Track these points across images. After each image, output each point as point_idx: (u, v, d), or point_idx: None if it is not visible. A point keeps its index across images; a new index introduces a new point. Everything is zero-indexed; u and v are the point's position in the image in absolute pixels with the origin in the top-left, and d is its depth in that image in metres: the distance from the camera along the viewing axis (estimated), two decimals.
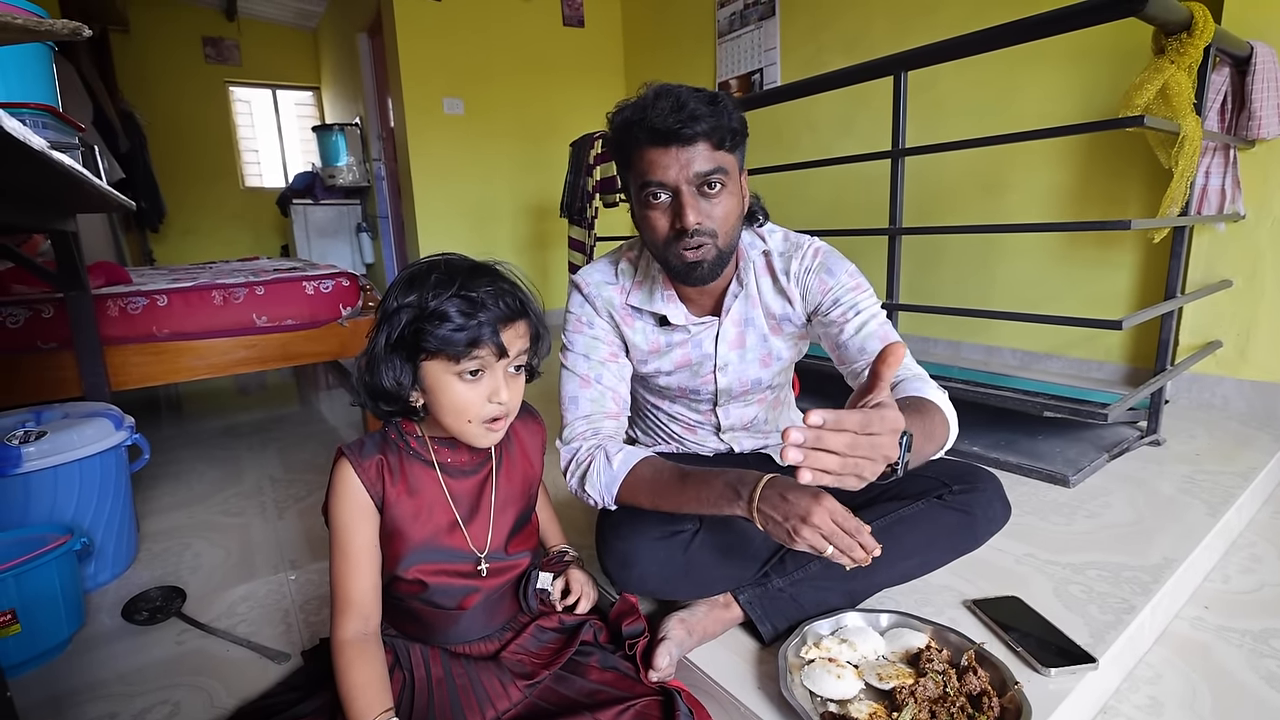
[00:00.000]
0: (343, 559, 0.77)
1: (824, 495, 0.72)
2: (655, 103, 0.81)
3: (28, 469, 1.16)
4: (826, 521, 0.70)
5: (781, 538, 0.74)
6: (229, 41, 5.64)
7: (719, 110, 0.82)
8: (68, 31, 0.67)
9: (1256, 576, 1.17)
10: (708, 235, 0.85)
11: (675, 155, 0.82)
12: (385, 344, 0.73)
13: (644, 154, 0.84)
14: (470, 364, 0.73)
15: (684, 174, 0.82)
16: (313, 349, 1.95)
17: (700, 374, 1.03)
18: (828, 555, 0.71)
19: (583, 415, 0.97)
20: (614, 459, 0.91)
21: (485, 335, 0.72)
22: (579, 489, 0.94)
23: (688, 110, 0.79)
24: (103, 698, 0.95)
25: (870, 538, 0.71)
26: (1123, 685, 0.91)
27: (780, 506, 0.73)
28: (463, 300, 0.72)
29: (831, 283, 0.94)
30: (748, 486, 0.77)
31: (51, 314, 1.63)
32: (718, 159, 0.83)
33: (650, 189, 0.84)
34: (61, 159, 0.79)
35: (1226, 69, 1.69)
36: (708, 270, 0.88)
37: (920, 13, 2.62)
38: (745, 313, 1.00)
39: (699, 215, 0.84)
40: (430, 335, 0.71)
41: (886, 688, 0.78)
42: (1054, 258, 2.31)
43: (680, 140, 0.81)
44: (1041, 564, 1.10)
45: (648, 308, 0.99)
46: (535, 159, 4.07)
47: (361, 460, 0.78)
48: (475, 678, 0.79)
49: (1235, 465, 1.48)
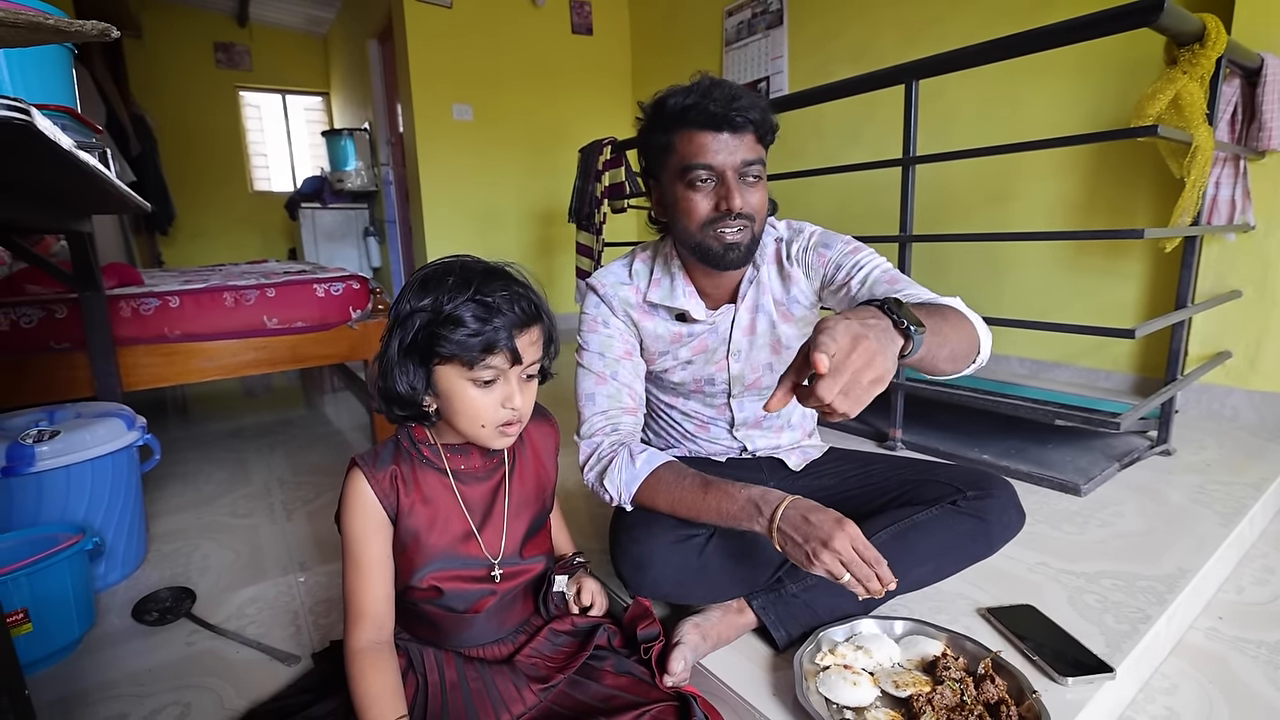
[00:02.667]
0: (355, 570, 0.76)
1: (847, 522, 0.73)
2: (712, 90, 0.86)
3: (41, 468, 1.16)
4: (847, 548, 0.70)
5: (800, 560, 0.74)
6: (240, 47, 5.68)
7: (764, 107, 0.88)
8: (96, 33, 0.67)
9: (1270, 588, 1.17)
10: (747, 220, 0.90)
11: (726, 141, 0.86)
12: (399, 348, 0.72)
13: (693, 137, 0.87)
14: (484, 373, 0.72)
15: (731, 160, 0.87)
16: (322, 351, 1.96)
17: (714, 359, 1.05)
18: (843, 582, 0.72)
19: (600, 411, 0.99)
20: (638, 458, 0.92)
21: (501, 341, 0.71)
22: (596, 483, 0.95)
23: (743, 101, 0.85)
24: (113, 698, 0.95)
25: (888, 570, 0.71)
26: (1139, 696, 0.90)
27: (802, 528, 0.73)
28: (478, 305, 0.71)
29: (829, 254, 0.98)
30: (770, 505, 0.77)
31: (65, 314, 1.63)
32: (759, 151, 0.89)
33: (696, 170, 0.88)
34: (87, 159, 0.79)
35: (1237, 80, 1.69)
36: (743, 253, 0.92)
37: (928, 23, 2.63)
38: (757, 299, 1.03)
39: (743, 201, 0.88)
40: (445, 340, 0.70)
41: (903, 695, 0.78)
42: (1062, 267, 2.30)
43: (733, 128, 0.85)
44: (1055, 573, 1.10)
45: (668, 303, 1.01)
46: (543, 165, 4.09)
47: (375, 472, 0.77)
48: (490, 681, 0.79)
49: (1246, 476, 1.47)
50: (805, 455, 1.14)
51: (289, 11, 5.50)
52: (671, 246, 1.02)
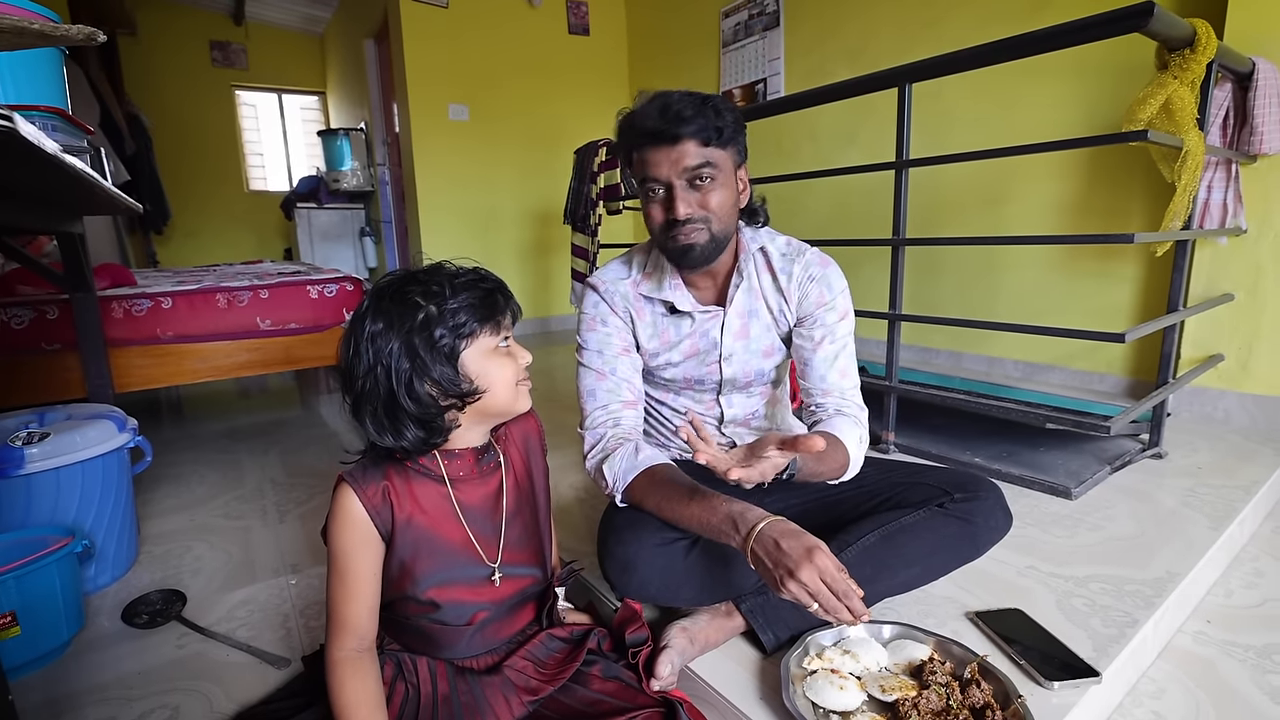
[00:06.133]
0: (341, 585, 0.75)
1: (818, 551, 0.71)
2: (645, 107, 0.92)
3: (30, 470, 1.16)
4: (814, 579, 0.70)
5: (770, 583, 0.74)
6: (236, 45, 5.67)
7: (706, 110, 0.90)
8: (83, 37, 0.67)
9: (1259, 591, 1.17)
10: (700, 222, 0.94)
11: (666, 153, 0.91)
12: (412, 370, 0.70)
13: (641, 153, 0.94)
14: (506, 332, 0.77)
15: (674, 169, 0.91)
16: (316, 353, 1.96)
17: (706, 363, 1.08)
18: (812, 611, 0.71)
19: (600, 405, 1.03)
20: (641, 451, 0.96)
21: (501, 301, 0.76)
22: (596, 470, 0.99)
23: (673, 112, 0.89)
24: (102, 701, 0.95)
25: (860, 603, 0.70)
26: (1125, 700, 0.90)
27: (773, 553, 0.73)
28: (465, 285, 0.74)
29: (829, 299, 1.02)
30: (747, 524, 0.78)
31: (56, 315, 1.63)
32: (706, 154, 0.91)
33: (648, 184, 0.94)
34: (74, 163, 0.79)
35: (1229, 84, 1.70)
36: (699, 253, 0.96)
37: (924, 25, 2.64)
38: (749, 304, 1.06)
39: (690, 207, 0.92)
40: (465, 323, 0.72)
41: (889, 699, 0.78)
42: (1056, 270, 2.31)
43: (668, 139, 0.90)
44: (1044, 576, 1.10)
45: (657, 295, 1.05)
46: (539, 166, 4.09)
47: (364, 487, 0.75)
48: (480, 694, 0.78)
49: (1237, 479, 1.48)
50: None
51: (285, 10, 5.49)
52: None
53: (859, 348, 1.11)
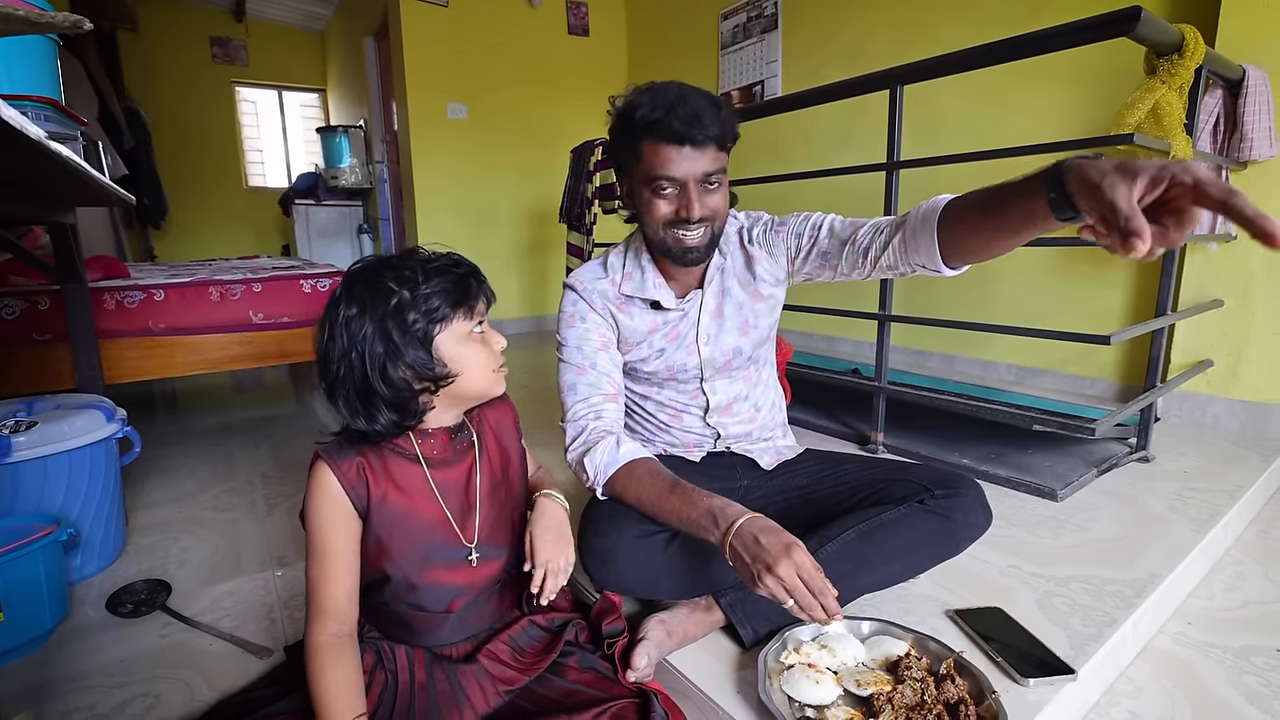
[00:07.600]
0: (319, 564, 0.75)
1: (796, 548, 0.72)
2: (677, 106, 0.89)
3: (17, 458, 1.16)
4: (791, 575, 0.70)
5: (747, 579, 0.75)
6: (236, 42, 5.68)
7: (725, 119, 0.92)
8: (68, 25, 0.68)
9: (1240, 594, 1.18)
10: (706, 222, 0.96)
11: (688, 155, 0.91)
12: (385, 353, 0.71)
13: (657, 148, 0.92)
14: (479, 316, 0.77)
15: (694, 171, 0.92)
16: (308, 347, 1.96)
17: (684, 344, 1.09)
18: (787, 608, 0.72)
19: (582, 399, 1.03)
20: (623, 446, 0.96)
21: (473, 286, 0.76)
22: (578, 463, 0.99)
23: (707, 117, 0.90)
24: (84, 689, 0.95)
25: (834, 602, 0.71)
26: (1102, 699, 0.91)
27: (751, 549, 0.74)
28: (438, 269, 0.74)
29: (786, 229, 1.06)
30: (727, 520, 0.78)
31: (48, 306, 1.64)
32: (720, 160, 0.94)
33: (660, 181, 0.93)
34: (59, 149, 0.80)
35: (1219, 91, 1.71)
36: (703, 252, 0.98)
37: (921, 28, 2.65)
38: (722, 284, 1.08)
39: (703, 209, 0.94)
40: (438, 307, 0.73)
41: (864, 694, 0.78)
42: (1050, 274, 2.32)
43: (694, 143, 0.91)
44: (1026, 576, 1.10)
45: (640, 295, 1.06)
46: (537, 165, 4.10)
47: (340, 463, 0.76)
48: (457, 683, 0.79)
49: (1223, 483, 1.48)
50: (779, 455, 1.15)
51: (286, 7, 5.50)
52: (642, 240, 1.06)
53: (854, 350, 1.11)
